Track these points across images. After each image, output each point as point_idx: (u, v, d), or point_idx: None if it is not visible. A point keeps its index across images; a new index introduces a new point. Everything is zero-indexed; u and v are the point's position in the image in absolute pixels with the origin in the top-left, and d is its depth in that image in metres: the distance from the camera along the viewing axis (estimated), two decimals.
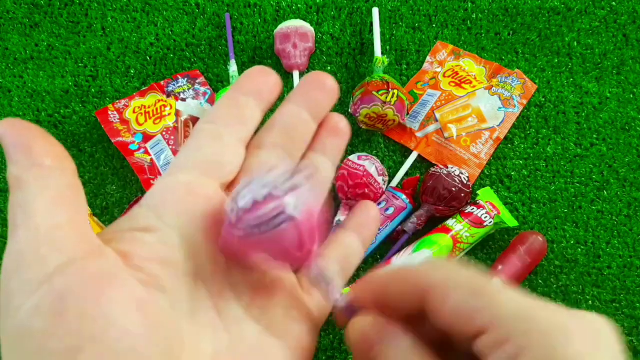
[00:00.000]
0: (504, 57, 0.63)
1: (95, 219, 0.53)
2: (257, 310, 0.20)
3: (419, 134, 0.59)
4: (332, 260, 0.23)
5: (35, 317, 0.15)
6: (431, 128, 0.58)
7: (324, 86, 0.23)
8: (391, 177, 0.57)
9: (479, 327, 0.16)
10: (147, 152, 0.57)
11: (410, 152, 0.58)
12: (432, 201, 0.53)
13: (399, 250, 0.53)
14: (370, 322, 0.19)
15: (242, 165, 0.22)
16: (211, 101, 0.60)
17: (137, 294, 0.16)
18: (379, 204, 0.54)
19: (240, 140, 0.22)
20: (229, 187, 0.21)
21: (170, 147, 0.57)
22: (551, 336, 0.15)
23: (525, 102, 0.59)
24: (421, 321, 0.19)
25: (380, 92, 0.54)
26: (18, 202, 0.16)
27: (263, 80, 0.22)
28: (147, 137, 0.57)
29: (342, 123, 0.24)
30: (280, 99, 0.22)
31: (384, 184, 0.55)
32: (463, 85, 0.60)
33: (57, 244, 0.16)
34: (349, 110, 0.57)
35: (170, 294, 0.18)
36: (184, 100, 0.59)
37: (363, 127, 0.57)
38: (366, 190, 0.53)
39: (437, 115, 0.59)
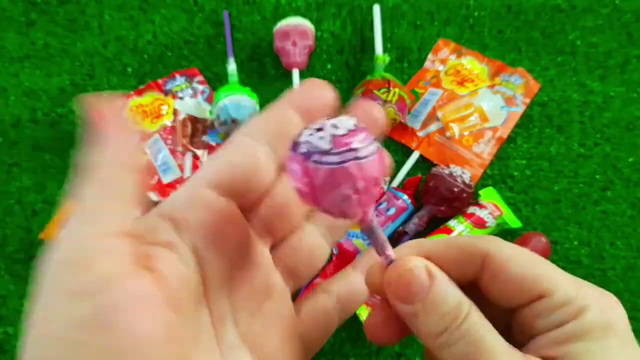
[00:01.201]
0: (506, 56, 0.62)
1: None
2: (253, 338, 0.20)
3: (420, 134, 0.58)
4: (335, 295, 0.23)
5: (69, 328, 0.15)
6: (433, 127, 0.58)
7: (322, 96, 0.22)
8: (392, 177, 0.56)
9: (541, 291, 0.18)
10: (144, 152, 0.56)
11: (411, 151, 0.58)
12: (434, 201, 0.52)
13: None
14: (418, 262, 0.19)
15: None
16: (209, 100, 0.59)
17: (166, 319, 0.16)
18: (380, 204, 0.54)
19: (274, 162, 0.21)
20: (251, 208, 0.21)
21: (168, 146, 0.56)
22: (605, 300, 0.18)
23: (528, 100, 0.58)
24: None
25: (381, 91, 0.53)
26: (80, 198, 0.17)
27: (317, 95, 0.21)
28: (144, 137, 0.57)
29: None
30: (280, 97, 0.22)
31: (385, 184, 0.54)
32: (465, 83, 0.59)
33: (104, 255, 0.16)
34: None
35: (188, 319, 0.18)
36: (181, 99, 0.58)
37: None
38: None
39: (439, 114, 0.58)
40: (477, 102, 0.58)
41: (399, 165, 0.57)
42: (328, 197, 0.18)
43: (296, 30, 0.59)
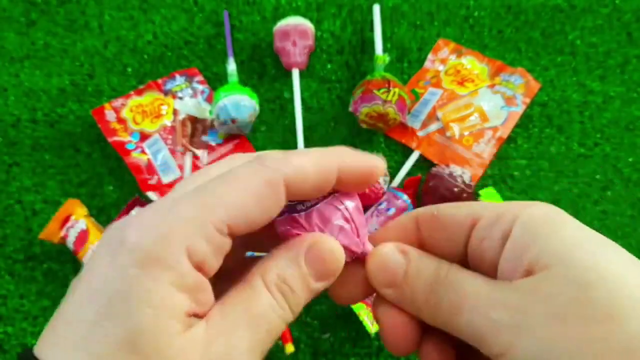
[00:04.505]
0: (506, 55, 0.62)
1: (92, 219, 0.52)
2: None
3: (420, 133, 0.58)
4: None
5: None
6: (433, 127, 0.58)
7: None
8: (392, 177, 0.56)
9: (471, 219, 0.19)
10: (143, 152, 0.56)
11: (411, 151, 0.57)
12: (434, 201, 0.52)
13: None
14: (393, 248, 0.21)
15: None
16: (209, 100, 0.59)
17: None
18: (380, 204, 0.54)
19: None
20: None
21: (168, 146, 0.56)
22: (534, 205, 0.18)
23: (528, 100, 0.58)
24: None
25: (381, 91, 0.53)
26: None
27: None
28: (144, 137, 0.56)
29: None
30: (280, 97, 0.22)
31: (385, 184, 0.54)
32: (465, 83, 0.59)
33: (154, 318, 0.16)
34: (350, 109, 0.56)
35: None
36: (181, 99, 0.58)
37: (364, 127, 0.56)
38: (367, 191, 0.52)
39: (439, 114, 0.58)
40: (477, 102, 0.58)
41: (399, 165, 0.57)
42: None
43: (296, 30, 0.59)
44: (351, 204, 0.21)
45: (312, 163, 0.19)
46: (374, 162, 0.21)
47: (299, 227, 0.20)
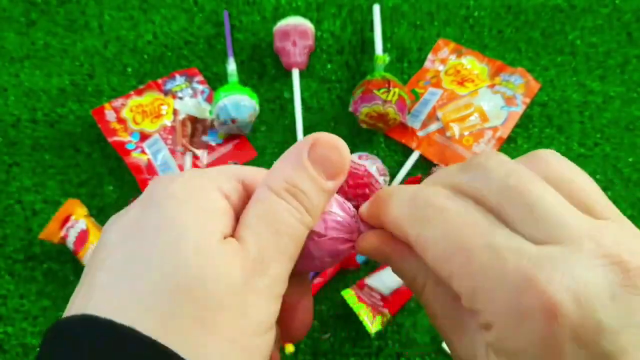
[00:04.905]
0: (506, 55, 0.62)
1: (92, 219, 0.52)
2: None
3: (420, 133, 0.58)
4: None
5: (159, 300, 0.17)
6: (433, 127, 0.58)
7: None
8: (392, 177, 0.56)
9: (454, 289, 0.18)
10: (143, 152, 0.56)
11: (411, 151, 0.57)
12: None
13: None
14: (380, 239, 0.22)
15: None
16: (209, 100, 0.59)
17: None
18: None
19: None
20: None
21: (168, 146, 0.56)
22: (516, 312, 0.15)
23: (528, 100, 0.58)
24: None
25: (381, 91, 0.53)
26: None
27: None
28: (144, 136, 0.56)
29: None
30: (280, 97, 0.22)
31: (385, 184, 0.54)
32: (465, 83, 0.59)
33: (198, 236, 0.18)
34: (350, 109, 0.56)
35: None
36: (181, 98, 0.58)
37: (364, 127, 0.56)
38: (367, 191, 0.52)
39: (439, 114, 0.58)
40: (477, 102, 0.58)
41: (399, 165, 0.57)
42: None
43: (296, 30, 0.59)
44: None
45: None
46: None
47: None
